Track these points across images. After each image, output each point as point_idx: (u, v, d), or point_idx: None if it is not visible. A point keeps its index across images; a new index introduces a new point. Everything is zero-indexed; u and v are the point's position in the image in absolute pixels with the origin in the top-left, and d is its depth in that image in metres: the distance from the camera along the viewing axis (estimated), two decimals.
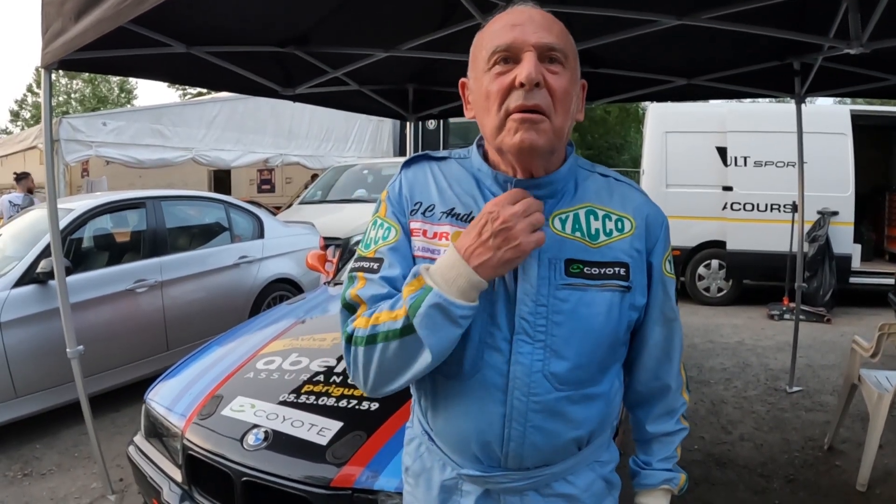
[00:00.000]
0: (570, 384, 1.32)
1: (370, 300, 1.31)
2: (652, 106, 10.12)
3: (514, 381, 1.30)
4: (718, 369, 6.49)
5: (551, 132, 1.25)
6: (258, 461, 2.40)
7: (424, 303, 1.20)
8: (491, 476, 1.37)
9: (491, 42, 1.28)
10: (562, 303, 1.29)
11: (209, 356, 3.38)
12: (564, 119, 1.29)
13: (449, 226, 1.35)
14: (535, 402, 1.30)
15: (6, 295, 4.69)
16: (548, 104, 1.24)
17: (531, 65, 1.22)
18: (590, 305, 1.30)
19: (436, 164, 1.45)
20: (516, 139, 1.24)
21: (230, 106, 12.20)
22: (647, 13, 3.85)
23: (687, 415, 1.58)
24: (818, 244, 8.88)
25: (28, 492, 4.08)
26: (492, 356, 1.31)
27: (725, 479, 4.08)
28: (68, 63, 3.56)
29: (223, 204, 7.06)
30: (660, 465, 1.53)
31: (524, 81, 1.21)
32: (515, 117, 1.24)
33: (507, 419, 1.31)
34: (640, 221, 1.37)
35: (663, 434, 1.54)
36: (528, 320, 1.29)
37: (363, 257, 1.38)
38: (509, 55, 1.26)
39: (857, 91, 5.35)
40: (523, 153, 1.27)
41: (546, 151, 1.28)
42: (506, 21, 1.29)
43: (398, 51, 4.64)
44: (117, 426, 5.05)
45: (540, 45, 1.25)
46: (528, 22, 1.27)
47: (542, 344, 1.29)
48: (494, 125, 1.28)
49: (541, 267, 1.30)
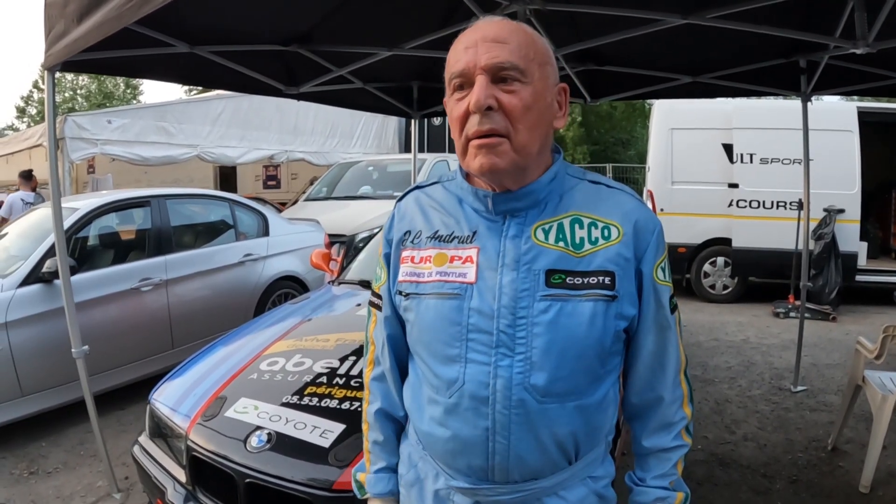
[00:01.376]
0: (553, 396, 1.31)
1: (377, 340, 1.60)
2: (658, 102, 10.08)
3: (495, 395, 1.30)
4: (723, 367, 6.48)
5: (512, 152, 1.27)
6: (261, 463, 2.42)
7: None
8: (479, 489, 1.37)
9: (449, 68, 1.32)
10: (542, 314, 1.29)
11: (213, 356, 3.40)
12: (530, 134, 1.29)
13: (432, 248, 1.42)
14: (517, 415, 1.30)
15: (11, 294, 4.70)
16: (504, 126, 1.26)
17: (480, 90, 1.24)
18: (571, 316, 1.29)
19: (423, 193, 1.53)
20: (476, 163, 1.29)
21: (235, 103, 12.20)
22: (653, 12, 3.84)
23: (691, 430, 1.50)
24: (824, 242, 8.83)
25: (34, 490, 4.10)
26: (474, 370, 1.32)
27: (728, 479, 4.09)
28: (71, 65, 3.57)
29: (228, 202, 7.07)
30: (654, 483, 1.46)
31: (472, 109, 1.25)
32: (474, 143, 1.28)
33: (490, 432, 1.32)
34: (628, 228, 1.35)
35: (660, 449, 1.47)
36: (507, 333, 1.30)
37: (374, 292, 1.60)
38: (464, 80, 1.29)
39: (863, 89, 5.32)
40: (485, 176, 1.31)
41: (510, 171, 1.30)
42: (461, 44, 1.31)
43: (402, 49, 4.64)
44: (122, 424, 5.07)
45: (490, 67, 1.26)
46: (480, 42, 1.28)
47: (522, 356, 1.29)
48: (460, 149, 1.33)
49: (521, 279, 1.31)
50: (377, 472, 1.58)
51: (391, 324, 1.54)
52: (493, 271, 1.32)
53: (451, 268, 1.36)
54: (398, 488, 1.56)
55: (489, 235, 1.36)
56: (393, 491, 1.56)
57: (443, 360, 1.36)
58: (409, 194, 1.55)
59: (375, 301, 1.58)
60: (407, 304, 1.43)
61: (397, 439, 1.60)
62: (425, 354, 1.41)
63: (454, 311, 1.34)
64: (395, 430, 1.60)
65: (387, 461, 1.58)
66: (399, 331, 1.53)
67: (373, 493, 1.57)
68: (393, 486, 1.56)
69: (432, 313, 1.37)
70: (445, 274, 1.36)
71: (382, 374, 1.60)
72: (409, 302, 1.42)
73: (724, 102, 9.59)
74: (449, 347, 1.34)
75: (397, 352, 1.57)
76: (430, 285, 1.38)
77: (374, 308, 1.59)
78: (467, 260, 1.35)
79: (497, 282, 1.31)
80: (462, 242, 1.38)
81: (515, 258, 1.32)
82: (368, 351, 1.64)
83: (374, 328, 1.60)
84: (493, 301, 1.31)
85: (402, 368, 1.58)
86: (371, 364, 1.64)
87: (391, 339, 1.55)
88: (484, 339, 1.31)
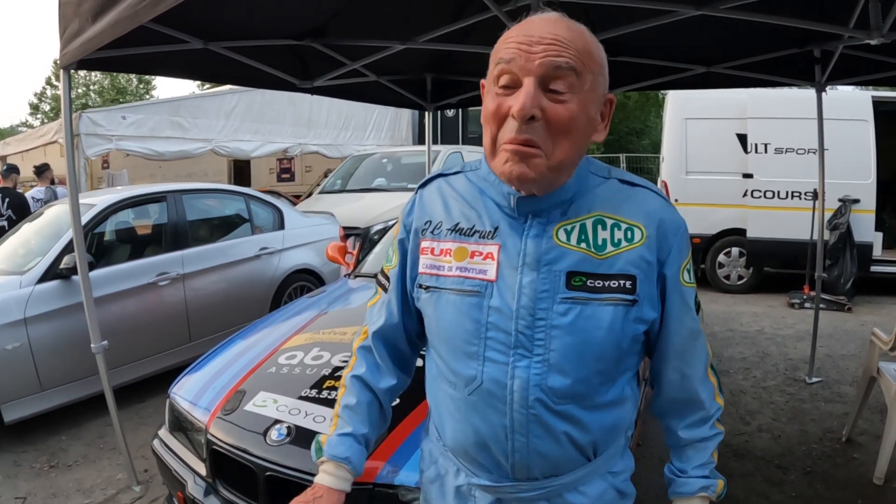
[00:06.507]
0: (570, 398, 1.30)
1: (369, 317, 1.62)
2: (671, 92, 10.02)
3: (512, 395, 1.29)
4: (738, 358, 6.48)
5: (545, 168, 1.22)
6: (281, 456, 2.44)
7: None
8: (501, 486, 1.37)
9: (497, 58, 1.25)
10: (561, 317, 1.27)
11: (232, 350, 3.42)
12: (568, 151, 1.24)
13: (452, 242, 1.39)
14: (534, 415, 1.29)
15: (30, 291, 4.75)
16: (545, 137, 1.20)
17: (526, 97, 1.17)
18: (590, 319, 1.27)
19: (445, 182, 1.49)
20: (506, 169, 1.24)
21: (248, 96, 12.23)
22: (667, 3, 3.83)
23: (721, 419, 1.51)
24: (839, 232, 8.78)
25: (55, 483, 4.16)
26: (492, 368, 1.31)
27: (743, 469, 4.10)
28: (87, 63, 3.60)
29: (243, 196, 7.10)
30: (696, 472, 1.45)
31: (515, 116, 1.18)
32: (507, 147, 1.22)
33: (509, 430, 1.31)
34: (651, 230, 1.31)
35: (698, 440, 1.47)
36: (525, 334, 1.28)
37: (383, 271, 1.59)
38: (511, 78, 1.22)
39: (879, 79, 5.28)
40: (515, 183, 1.26)
41: (539, 184, 1.25)
42: (514, 37, 1.23)
43: (415, 42, 4.65)
44: (142, 417, 5.13)
45: (543, 68, 1.19)
46: (537, 41, 1.20)
47: (540, 358, 1.28)
48: (490, 147, 1.28)
49: (541, 279, 1.29)
50: (340, 435, 1.52)
51: (390, 310, 1.56)
52: (513, 270, 1.30)
53: (471, 263, 1.34)
54: (357, 459, 1.51)
55: (510, 233, 1.33)
56: (350, 458, 1.49)
57: (461, 357, 1.35)
58: (431, 182, 1.52)
59: (382, 281, 1.59)
60: (426, 298, 1.42)
61: (369, 410, 1.57)
62: (444, 350, 1.40)
63: (474, 308, 1.32)
64: (368, 400, 1.57)
65: (353, 427, 1.53)
66: (396, 319, 1.55)
67: (329, 454, 1.49)
68: (352, 454, 1.49)
69: (452, 309, 1.36)
70: (466, 270, 1.35)
71: (370, 346, 1.60)
72: (428, 295, 1.41)
73: (738, 92, 9.47)
74: (468, 345, 1.33)
75: (388, 335, 1.59)
76: (449, 280, 1.37)
77: (380, 287, 1.60)
78: (488, 256, 1.33)
79: (517, 281, 1.29)
80: (483, 237, 1.35)
81: (536, 258, 1.29)
82: (365, 322, 1.64)
83: (375, 304, 1.61)
84: (512, 301, 1.29)
85: (393, 353, 1.61)
86: (364, 334, 1.62)
87: (386, 327, 1.57)
88: (502, 338, 1.30)
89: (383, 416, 1.62)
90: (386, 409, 1.63)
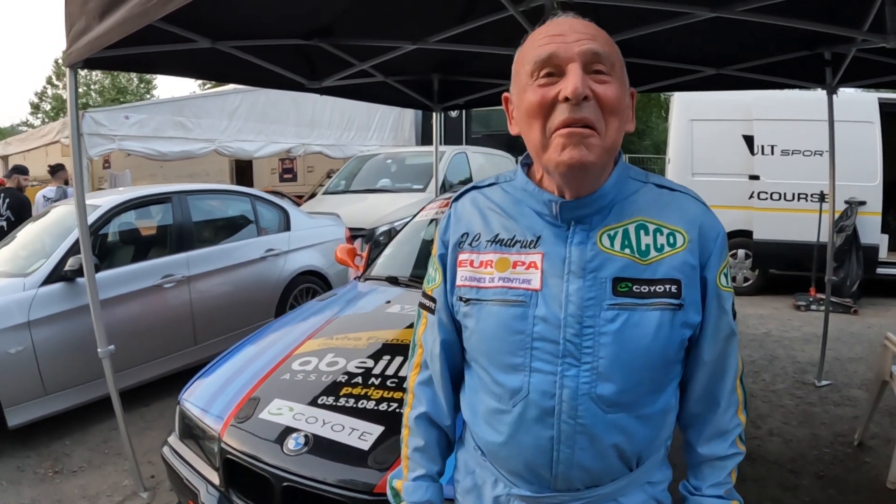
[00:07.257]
0: (619, 406, 1.28)
1: (426, 344, 1.55)
2: (677, 93, 10.01)
3: (561, 405, 1.28)
4: (746, 361, 6.42)
5: (601, 148, 1.22)
6: (299, 466, 2.39)
7: None
8: (541, 497, 1.35)
9: (532, 55, 1.25)
10: (609, 323, 1.26)
11: (242, 355, 3.36)
12: (618, 131, 1.25)
13: (493, 253, 1.37)
14: (582, 426, 1.28)
15: (34, 293, 4.71)
16: (598, 117, 1.21)
17: (577, 77, 1.19)
18: (637, 326, 1.26)
19: (480, 194, 1.48)
20: (564, 157, 1.21)
21: (252, 97, 12.16)
22: (681, 5, 3.78)
23: (743, 437, 1.45)
24: (845, 234, 8.76)
25: (59, 490, 4.11)
26: (539, 379, 1.29)
27: (755, 474, 4.06)
28: (93, 62, 3.54)
29: (249, 197, 7.06)
30: (710, 492, 1.41)
31: (570, 96, 1.18)
32: (562, 132, 1.21)
33: (555, 442, 1.30)
34: (693, 234, 1.31)
35: (715, 458, 1.42)
36: (573, 342, 1.26)
37: (426, 294, 1.55)
38: (553, 68, 1.22)
39: (890, 81, 5.24)
40: (573, 171, 1.24)
41: (597, 169, 1.26)
42: (546, 32, 1.26)
43: (425, 43, 4.61)
44: (146, 421, 5.09)
45: (585, 53, 1.21)
46: (569, 31, 1.24)
47: (588, 366, 1.26)
48: (539, 142, 1.26)
49: (587, 287, 1.27)
50: (416, 479, 1.53)
51: (445, 329, 1.50)
52: (558, 278, 1.29)
53: (514, 274, 1.32)
54: (437, 498, 1.53)
55: (554, 241, 1.31)
56: (431, 500, 1.51)
57: (505, 369, 1.32)
58: (465, 195, 1.50)
59: (427, 304, 1.54)
60: (467, 311, 1.39)
61: (438, 447, 1.57)
62: (485, 362, 1.38)
63: (518, 319, 1.30)
64: (437, 438, 1.57)
65: (427, 469, 1.54)
66: (454, 336, 1.50)
67: (410, 500, 1.52)
68: (431, 496, 1.52)
69: (494, 321, 1.33)
70: (509, 280, 1.32)
71: (430, 378, 1.56)
72: (468, 308, 1.39)
73: (745, 93, 9.45)
74: (512, 356, 1.31)
75: (451, 358, 1.52)
76: (492, 291, 1.34)
77: (425, 311, 1.55)
78: (531, 266, 1.31)
79: (563, 289, 1.27)
80: (525, 247, 1.33)
81: (581, 265, 1.28)
82: (415, 354, 1.60)
83: (424, 331, 1.56)
84: (559, 310, 1.27)
85: (455, 375, 1.55)
86: (417, 368, 1.59)
87: (445, 345, 1.51)
88: (549, 348, 1.27)
89: (450, 444, 1.62)
90: (452, 437, 1.61)
